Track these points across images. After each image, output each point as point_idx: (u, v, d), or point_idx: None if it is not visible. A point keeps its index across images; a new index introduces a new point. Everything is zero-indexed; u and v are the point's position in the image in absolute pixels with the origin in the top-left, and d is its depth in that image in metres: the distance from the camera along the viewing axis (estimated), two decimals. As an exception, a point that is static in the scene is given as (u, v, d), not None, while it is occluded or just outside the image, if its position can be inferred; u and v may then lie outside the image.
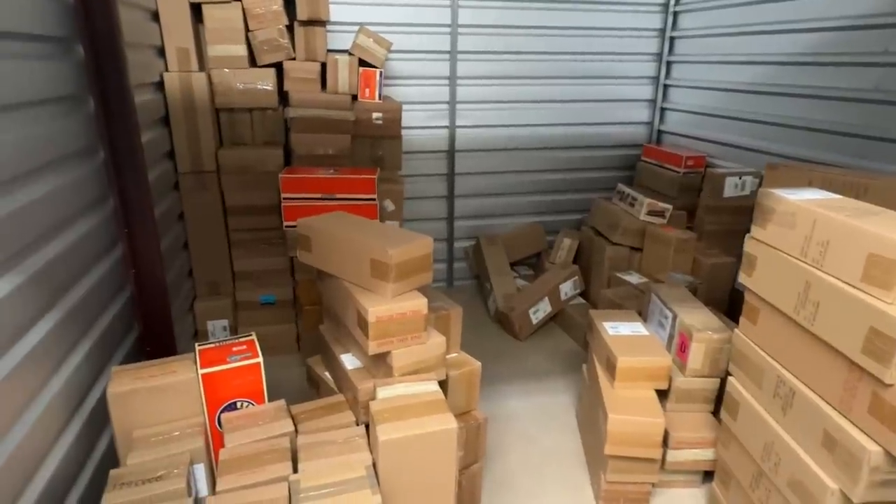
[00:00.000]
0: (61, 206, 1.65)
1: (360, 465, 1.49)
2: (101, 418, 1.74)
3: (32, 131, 1.51)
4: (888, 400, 1.35)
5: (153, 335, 2.19)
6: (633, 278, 3.29)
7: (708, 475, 2.27)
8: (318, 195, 2.86)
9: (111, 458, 1.69)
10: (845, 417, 1.49)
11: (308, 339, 3.14)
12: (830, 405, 1.54)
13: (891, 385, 1.34)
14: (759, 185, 3.23)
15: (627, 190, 3.69)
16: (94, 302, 1.82)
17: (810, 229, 1.57)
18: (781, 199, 1.69)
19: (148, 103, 2.51)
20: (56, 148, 1.63)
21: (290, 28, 3.02)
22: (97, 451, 1.72)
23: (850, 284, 1.45)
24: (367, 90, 3.18)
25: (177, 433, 1.62)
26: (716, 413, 2.24)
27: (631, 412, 2.07)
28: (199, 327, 3.06)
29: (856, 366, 1.43)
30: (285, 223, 2.93)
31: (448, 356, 2.00)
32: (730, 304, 3.15)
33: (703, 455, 2.20)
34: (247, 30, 2.94)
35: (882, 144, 2.59)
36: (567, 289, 3.57)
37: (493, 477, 2.35)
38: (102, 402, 1.70)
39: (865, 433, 1.43)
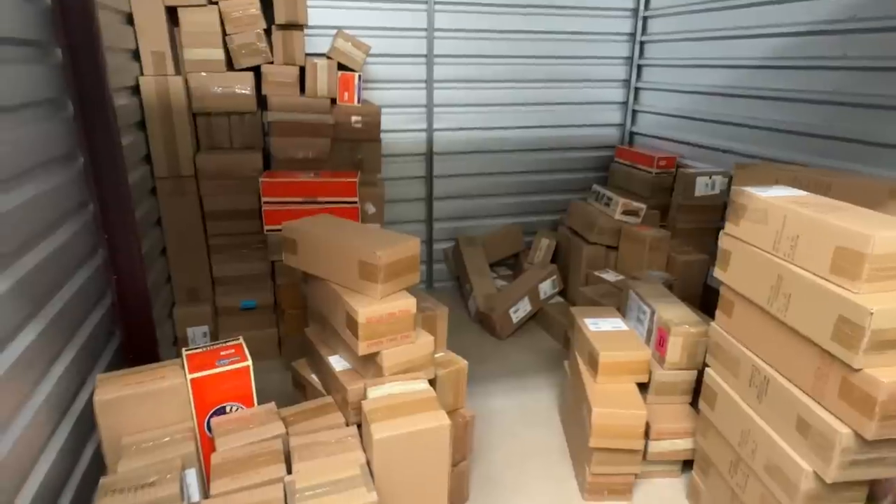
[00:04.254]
0: (42, 213, 1.62)
1: (355, 464, 1.51)
2: (86, 426, 1.71)
3: (11, 136, 1.49)
4: (857, 384, 1.44)
5: (135, 342, 2.16)
6: (610, 276, 3.37)
7: (687, 464, 2.34)
8: (300, 199, 2.86)
9: (98, 466, 1.67)
10: (817, 402, 1.57)
11: (290, 344, 3.13)
12: (803, 391, 1.62)
13: (859, 370, 1.43)
14: (729, 184, 3.35)
15: (603, 190, 3.78)
16: (76, 309, 1.79)
17: (781, 225, 1.66)
18: (753, 197, 1.77)
19: (124, 108, 2.47)
20: (35, 153, 1.61)
21: (267, 32, 3.01)
22: (83, 460, 1.69)
23: (819, 276, 1.53)
24: (345, 94, 3.19)
25: (166, 439, 1.61)
26: (694, 404, 2.32)
27: (614, 405, 2.13)
28: (179, 334, 3.02)
29: (826, 353, 1.51)
30: (266, 227, 2.92)
31: (435, 355, 2.03)
32: (702, 300, 3.26)
33: (683, 445, 2.28)
34: (224, 33, 2.92)
35: (843, 144, 2.72)
36: (546, 288, 3.64)
37: (479, 473, 2.39)
38: (87, 411, 1.68)
39: (837, 417, 1.51)
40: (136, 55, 2.74)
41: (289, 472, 1.52)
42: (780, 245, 1.67)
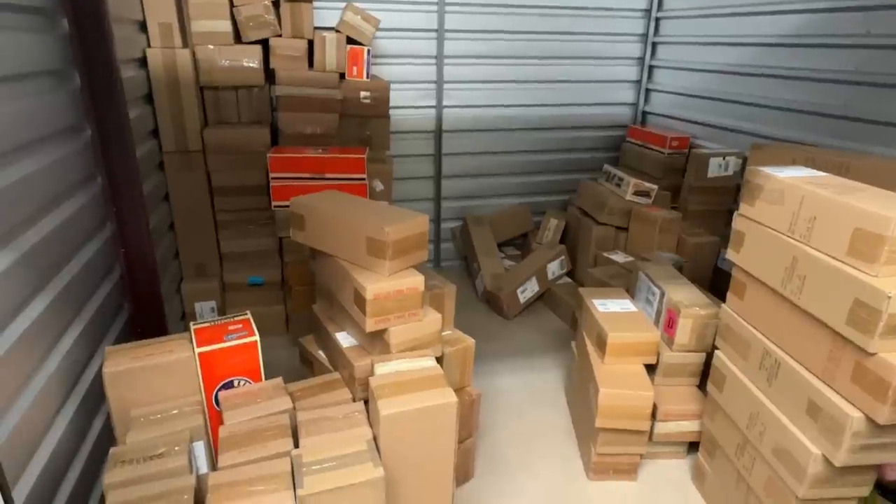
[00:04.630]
0: (50, 185, 1.62)
1: (362, 439, 1.51)
2: (95, 398, 1.73)
3: (17, 106, 1.47)
4: (871, 368, 1.41)
5: (144, 316, 2.16)
6: (619, 257, 3.35)
7: (693, 446, 2.34)
8: (307, 175, 2.84)
9: (107, 438, 1.69)
10: (829, 386, 1.55)
11: (297, 320, 3.14)
12: (814, 375, 1.60)
13: (873, 354, 1.40)
14: (743, 165, 3.30)
15: (614, 170, 3.73)
16: (84, 282, 1.79)
17: (798, 206, 1.62)
18: (770, 177, 1.73)
19: (131, 80, 2.45)
20: (42, 124, 1.59)
21: (276, 4, 2.96)
22: (93, 431, 1.71)
23: (836, 258, 1.50)
24: (354, 68, 3.14)
25: (175, 411, 1.62)
26: (701, 387, 2.31)
27: (621, 386, 2.12)
28: (187, 309, 3.03)
29: (840, 336, 1.49)
30: (273, 203, 2.90)
31: (442, 333, 2.02)
32: (712, 282, 3.23)
33: (689, 427, 2.27)
34: (231, 5, 2.87)
35: (863, 126, 2.65)
36: (554, 268, 3.61)
37: (485, 451, 2.40)
38: (96, 383, 1.69)
39: (848, 401, 1.49)
40: (143, 27, 2.70)
41: (296, 446, 1.53)
42: (796, 226, 1.63)
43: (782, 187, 1.68)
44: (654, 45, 4.13)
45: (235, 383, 1.75)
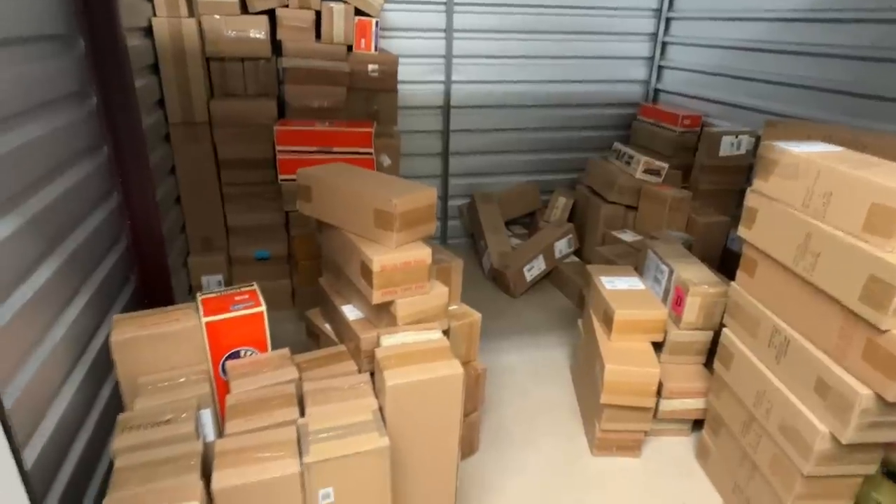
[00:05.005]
0: (55, 151, 1.60)
1: (368, 409, 1.52)
2: (103, 366, 1.74)
3: (22, 70, 1.45)
4: (882, 345, 1.40)
5: (151, 287, 2.17)
6: (628, 236, 3.32)
7: (697, 424, 2.35)
8: (314, 148, 2.81)
9: (116, 405, 1.70)
10: (838, 364, 1.54)
11: (303, 295, 3.14)
12: (824, 352, 1.58)
13: (886, 331, 1.39)
14: (755, 144, 3.24)
15: (624, 148, 3.68)
16: (91, 251, 1.79)
17: (813, 180, 1.59)
18: (785, 152, 1.70)
19: (136, 49, 2.41)
20: (47, 89, 1.58)
21: (282, -27, 2.90)
22: (101, 398, 1.72)
23: (851, 234, 1.48)
24: (362, 41, 3.09)
25: (182, 380, 1.63)
26: (707, 365, 2.30)
27: (627, 363, 2.12)
28: (194, 282, 3.04)
29: (852, 313, 1.47)
30: (280, 177, 2.89)
31: (449, 308, 2.02)
32: (721, 263, 3.20)
33: (694, 404, 2.27)
34: (238, -27, 2.82)
35: (880, 103, 2.59)
36: (562, 247, 3.59)
37: (490, 426, 2.41)
38: (104, 352, 1.70)
39: (858, 378, 1.48)
40: (148, -5, 2.67)
41: (302, 415, 1.53)
42: (810, 202, 1.60)
43: (797, 162, 1.65)
44: (667, 20, 4.05)
45: (242, 353, 1.75)
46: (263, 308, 1.73)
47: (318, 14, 3.00)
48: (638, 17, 4.05)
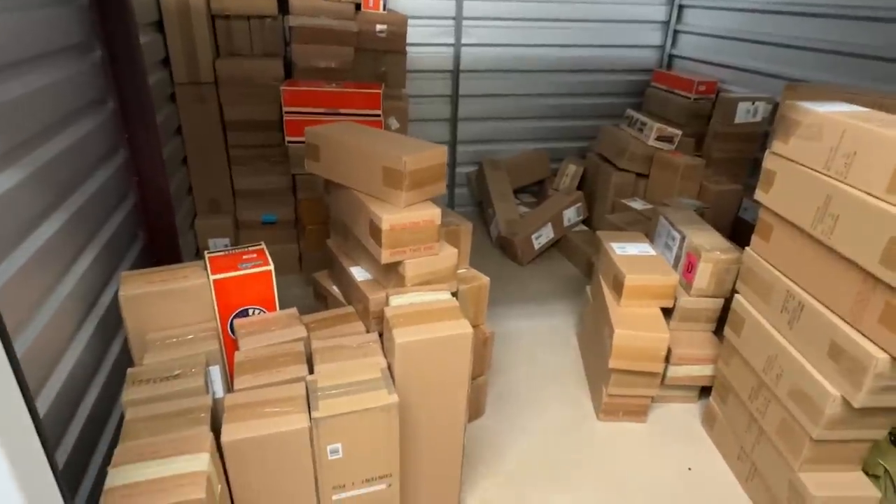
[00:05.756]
0: (60, 102, 1.57)
1: (376, 367, 1.51)
2: (113, 322, 1.74)
3: (21, 17, 1.41)
4: (901, 309, 1.37)
5: (159, 245, 2.16)
6: (638, 204, 3.28)
7: (704, 392, 2.34)
8: (322, 110, 2.76)
9: (125, 360, 1.70)
10: (854, 328, 1.51)
11: (310, 259, 3.13)
12: (839, 317, 1.56)
13: (906, 294, 1.36)
14: (773, 111, 3.16)
15: (636, 115, 3.60)
16: (99, 206, 1.78)
17: (837, 140, 1.54)
18: (808, 111, 1.65)
19: (140, 5, 2.35)
20: (50, 38, 1.54)
21: (289, -73, 2.81)
22: (111, 353, 1.73)
23: (873, 196, 1.44)
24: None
25: (190, 336, 1.63)
26: (717, 333, 2.29)
27: (636, 328, 2.10)
28: (201, 245, 3.03)
29: (871, 276, 1.44)
30: (287, 138, 2.85)
31: (458, 271, 2.00)
32: (733, 232, 3.16)
33: (702, 371, 2.26)
34: (242, -73, 2.73)
35: (906, 66, 2.51)
36: (570, 215, 3.56)
37: (496, 390, 2.42)
38: (113, 308, 1.70)
39: (873, 342, 1.45)
40: (151, -52, 2.59)
41: (310, 373, 1.53)
42: (832, 163, 1.56)
43: (821, 121, 1.60)
44: (685, -18, 3.92)
45: (250, 312, 1.74)
46: (271, 267, 1.72)
47: (326, -29, 2.91)
48: (655, -21, 3.93)
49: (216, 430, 1.32)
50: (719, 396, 2.16)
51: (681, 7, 3.98)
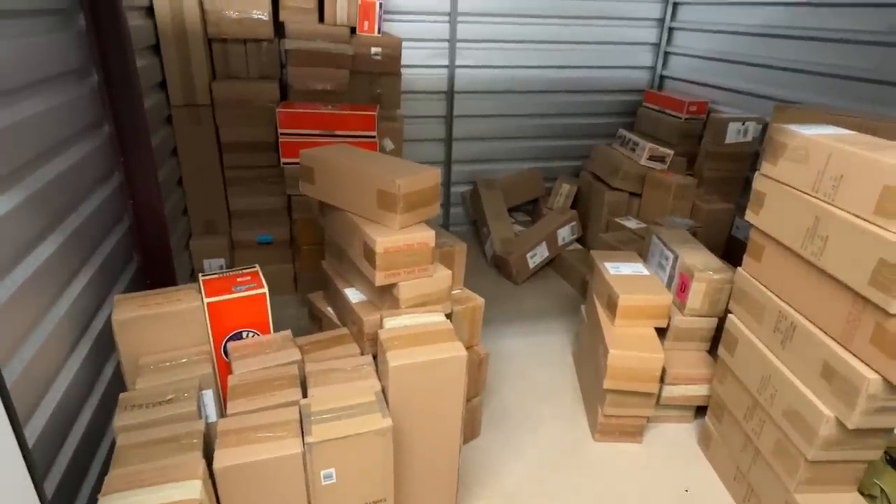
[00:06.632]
0: (56, 127, 1.59)
1: (370, 390, 1.51)
2: (106, 345, 1.73)
3: (21, 44, 1.43)
4: (891, 330, 1.38)
5: (153, 268, 2.16)
6: (632, 223, 3.30)
7: (700, 411, 2.34)
8: (317, 131, 2.79)
9: (118, 384, 1.70)
10: (845, 349, 1.52)
11: (305, 279, 3.13)
12: (831, 337, 1.57)
13: (895, 315, 1.37)
14: (763, 131, 3.21)
15: (629, 135, 3.65)
16: (94, 229, 1.78)
17: (824, 163, 1.56)
18: (795, 134, 1.67)
19: (137, 29, 2.38)
20: (48, 64, 1.56)
21: (285, -47, 2.86)
22: (104, 377, 1.72)
23: (861, 218, 1.46)
24: (366, 23, 3.05)
25: (184, 360, 1.62)
26: (711, 352, 2.29)
27: (631, 348, 2.11)
28: (196, 266, 3.03)
29: (860, 298, 1.46)
30: (283, 160, 2.87)
31: (452, 292, 2.00)
32: (726, 250, 3.18)
33: (697, 391, 2.26)
34: (240, -47, 2.78)
35: (893, 89, 2.55)
36: (565, 234, 3.57)
37: (491, 411, 2.41)
38: (107, 330, 1.70)
39: (865, 363, 1.46)
40: (149, -26, 2.63)
41: (304, 396, 1.53)
42: (820, 185, 1.58)
43: (808, 145, 1.62)
44: (675, 5, 3.99)
45: (244, 335, 1.74)
46: (265, 290, 1.72)
47: (322, -5, 2.96)
48: (645, 2, 4.00)
49: (209, 455, 1.31)
50: (715, 416, 2.16)
51: (671, 30, 4.05)
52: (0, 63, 1.33)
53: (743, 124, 3.24)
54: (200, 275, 1.78)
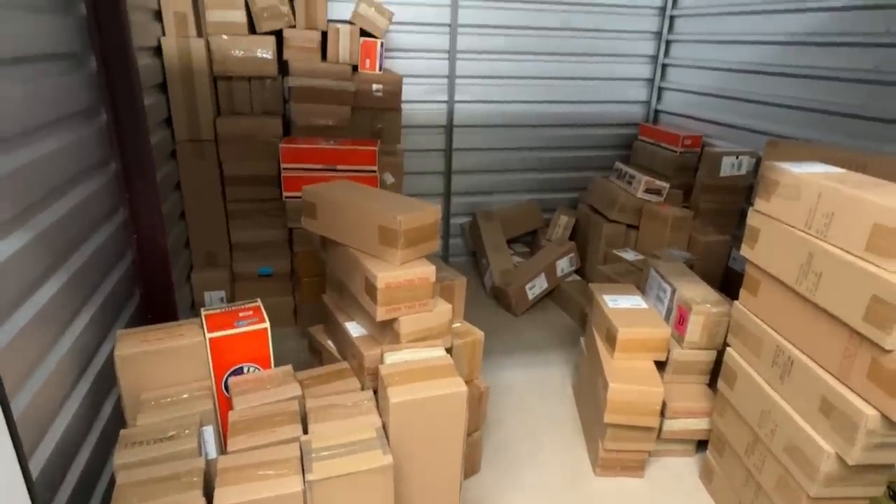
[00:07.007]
0: (65, 167, 1.62)
1: (371, 427, 1.51)
2: (107, 381, 1.74)
3: (35, 87, 1.48)
4: (887, 365, 1.40)
5: (155, 302, 2.17)
6: (630, 255, 3.33)
7: (701, 445, 2.33)
8: (319, 166, 2.84)
9: (118, 420, 1.70)
10: (843, 384, 1.53)
11: (305, 312, 3.14)
12: (829, 372, 1.58)
13: (891, 351, 1.39)
14: (756, 164, 3.27)
15: (625, 168, 3.71)
16: (97, 266, 1.80)
17: (815, 201, 1.60)
18: (786, 172, 1.72)
19: (145, 68, 2.45)
20: (59, 106, 1.60)
21: (290, -5, 2.96)
22: (104, 413, 1.72)
23: (853, 254, 1.48)
24: (367, 61, 3.14)
25: (185, 396, 1.63)
26: (711, 384, 2.29)
27: (630, 382, 2.11)
28: (197, 298, 3.04)
29: (856, 333, 1.47)
30: (285, 194, 2.91)
31: (452, 325, 2.02)
32: (723, 282, 3.20)
33: (698, 425, 2.25)
34: (246, -5, 2.88)
35: (881, 125, 2.62)
36: (563, 265, 3.60)
37: (492, 445, 2.39)
38: (108, 366, 1.70)
39: (863, 398, 1.47)
40: (158, 15, 2.72)
41: (305, 432, 1.53)
42: (812, 222, 1.61)
43: (799, 183, 1.66)
44: (668, 42, 4.11)
45: (245, 370, 1.75)
46: (267, 324, 1.73)
47: (325, 35, 3.05)
48: (639, 40, 4.11)
49: (209, 493, 1.30)
50: (716, 450, 2.15)
51: (664, 66, 4.16)
52: (15, 106, 1.37)
53: (737, 158, 3.30)
54: (203, 309, 1.79)
